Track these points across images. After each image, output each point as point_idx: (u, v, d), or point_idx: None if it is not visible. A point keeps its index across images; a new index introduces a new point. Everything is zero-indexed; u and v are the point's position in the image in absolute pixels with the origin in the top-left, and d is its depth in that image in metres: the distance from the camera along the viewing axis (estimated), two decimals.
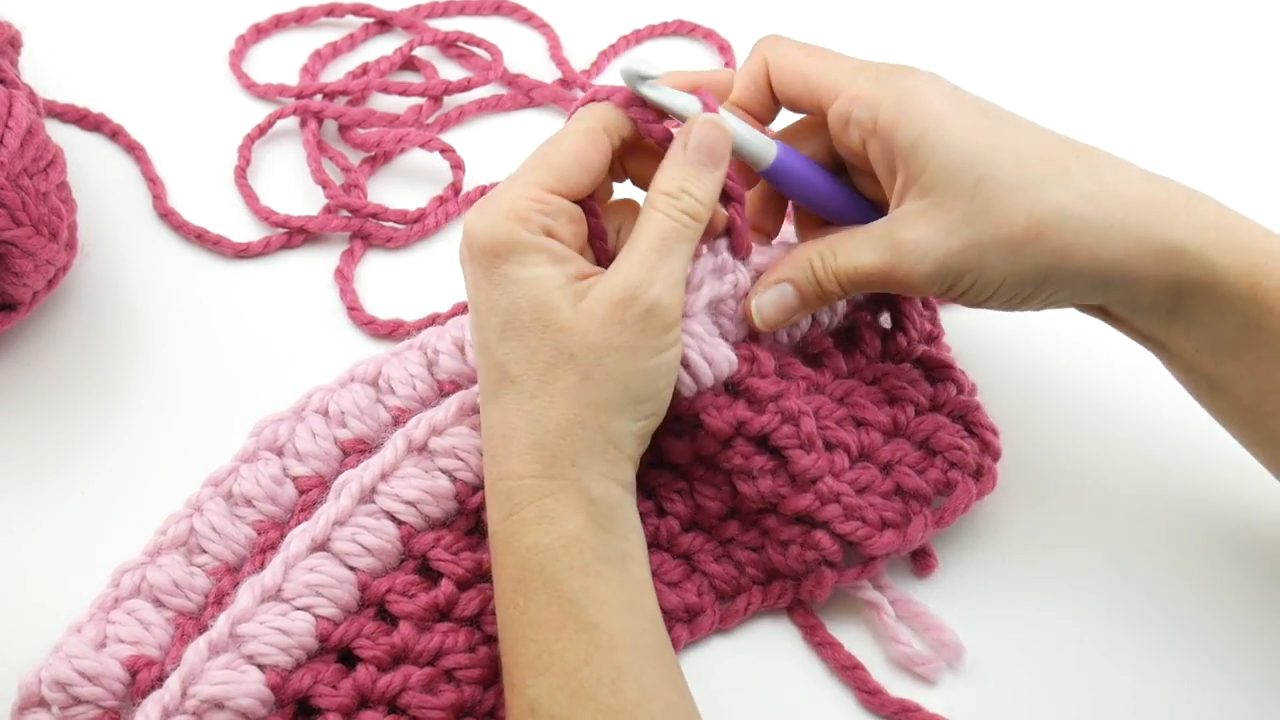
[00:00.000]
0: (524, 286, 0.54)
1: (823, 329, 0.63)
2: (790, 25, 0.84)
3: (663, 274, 0.54)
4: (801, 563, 0.60)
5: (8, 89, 0.65)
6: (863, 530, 0.60)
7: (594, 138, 0.56)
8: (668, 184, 0.55)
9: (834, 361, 0.63)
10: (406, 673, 0.56)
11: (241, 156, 0.77)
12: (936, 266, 0.55)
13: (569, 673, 0.51)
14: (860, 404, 0.62)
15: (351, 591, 0.58)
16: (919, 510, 0.61)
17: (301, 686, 0.56)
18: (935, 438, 0.62)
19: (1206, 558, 0.63)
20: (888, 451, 0.61)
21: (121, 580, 0.59)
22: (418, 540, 0.59)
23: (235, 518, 0.61)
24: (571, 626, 0.51)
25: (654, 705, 0.51)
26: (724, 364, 0.58)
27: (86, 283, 0.71)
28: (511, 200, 0.54)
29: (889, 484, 0.61)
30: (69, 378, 0.68)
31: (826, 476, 0.59)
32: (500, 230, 0.54)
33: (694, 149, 0.55)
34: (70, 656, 0.56)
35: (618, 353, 0.53)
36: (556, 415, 0.53)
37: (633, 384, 0.54)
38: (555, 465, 0.53)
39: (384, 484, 0.59)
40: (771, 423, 0.59)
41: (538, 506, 0.53)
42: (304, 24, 0.84)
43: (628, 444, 0.55)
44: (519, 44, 0.84)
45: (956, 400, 0.63)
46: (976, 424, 0.63)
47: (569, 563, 0.52)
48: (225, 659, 0.55)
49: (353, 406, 0.63)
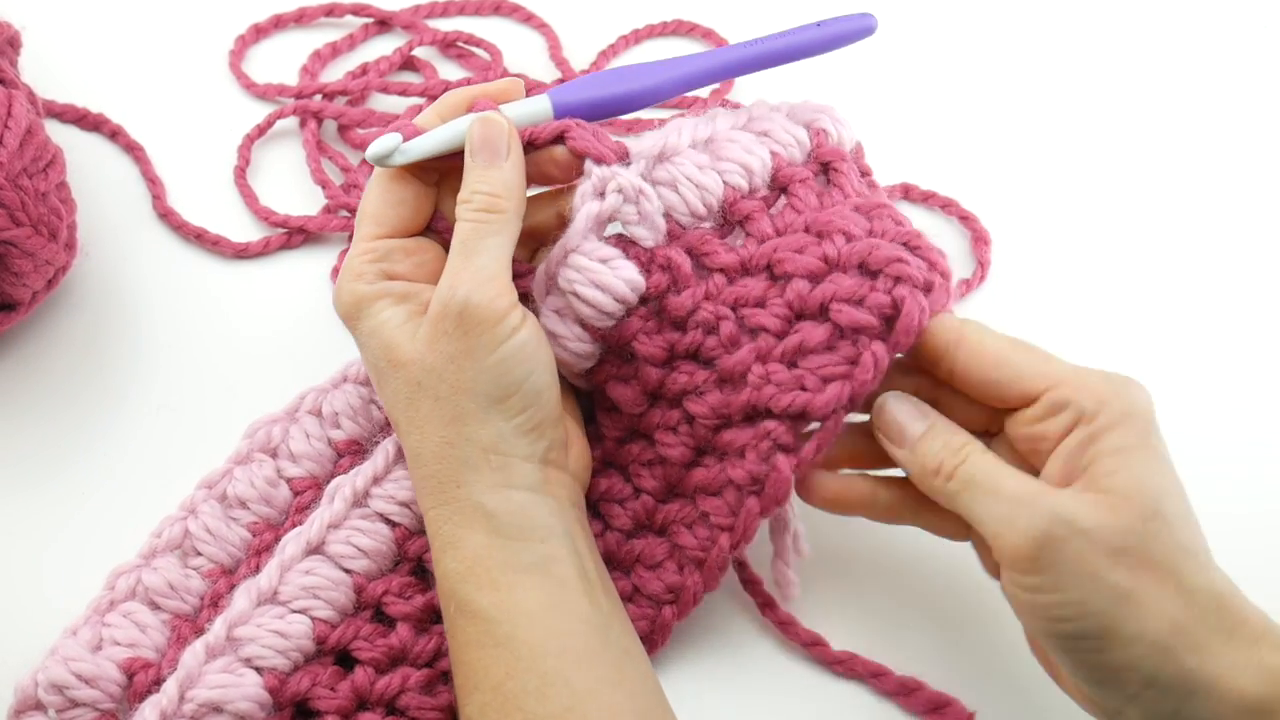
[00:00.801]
0: (375, 335, 0.56)
1: (740, 194, 0.59)
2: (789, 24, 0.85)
3: (467, 275, 0.54)
4: (759, 460, 0.56)
5: (7, 89, 0.65)
6: (801, 397, 0.55)
7: (392, 177, 0.58)
8: (461, 193, 0.56)
9: (759, 226, 0.58)
10: (404, 674, 0.57)
11: (241, 156, 0.77)
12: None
13: (494, 688, 0.51)
14: (783, 259, 0.56)
15: (348, 594, 0.58)
16: (867, 345, 0.54)
17: (300, 689, 0.56)
18: (871, 257, 0.55)
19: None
20: (819, 294, 0.55)
21: (117, 583, 0.59)
22: (412, 542, 0.59)
23: (230, 520, 0.61)
24: (488, 642, 0.52)
25: (588, 706, 0.51)
26: (623, 286, 0.57)
27: (86, 283, 0.71)
28: (349, 262, 0.57)
29: (824, 333, 0.55)
30: (69, 378, 0.68)
31: (754, 364, 0.56)
32: (345, 292, 0.57)
33: (473, 152, 0.57)
34: (66, 659, 0.56)
35: (452, 363, 0.54)
36: (428, 444, 0.55)
37: (481, 387, 0.54)
38: (443, 491, 0.55)
39: (377, 488, 0.59)
40: (696, 339, 0.57)
41: (441, 535, 0.54)
42: (304, 24, 0.84)
43: (511, 445, 0.55)
44: (519, 44, 0.83)
45: (896, 231, 0.56)
46: (919, 248, 0.56)
47: (476, 582, 0.53)
48: (223, 662, 0.55)
49: (346, 407, 0.63)
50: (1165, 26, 0.84)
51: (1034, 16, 0.86)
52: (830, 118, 0.62)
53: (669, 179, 0.58)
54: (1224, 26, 0.83)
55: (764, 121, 0.61)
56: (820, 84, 0.76)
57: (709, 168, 0.59)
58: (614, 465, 0.60)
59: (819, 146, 0.61)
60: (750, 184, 0.59)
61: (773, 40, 0.62)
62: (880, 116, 0.79)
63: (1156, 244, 0.75)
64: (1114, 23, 0.85)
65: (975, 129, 0.80)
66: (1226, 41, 0.83)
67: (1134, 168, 0.78)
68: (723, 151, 0.59)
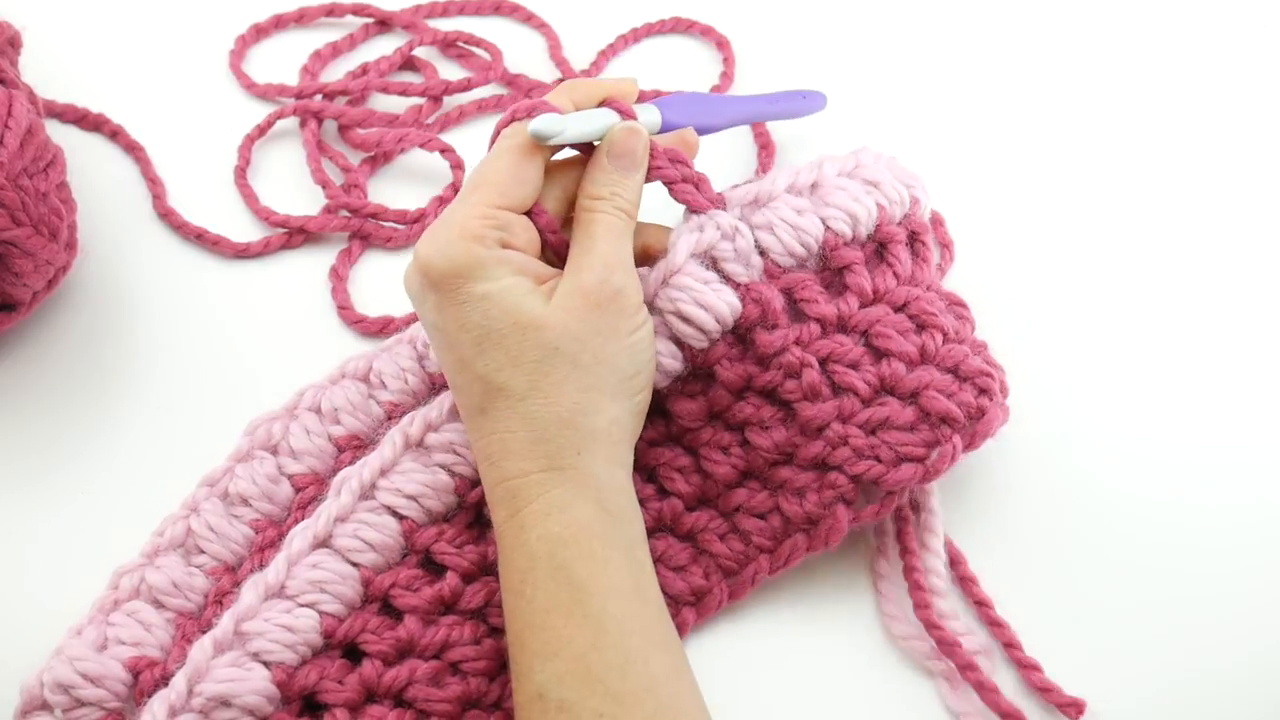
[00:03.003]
0: (494, 299, 0.55)
1: (843, 241, 0.62)
2: (788, 21, 0.85)
3: (619, 261, 0.57)
4: (819, 505, 0.60)
5: (8, 89, 0.65)
6: (876, 469, 0.59)
7: (527, 152, 0.58)
8: (599, 189, 0.58)
9: (858, 280, 0.62)
10: (412, 666, 0.56)
11: (241, 156, 0.77)
12: None
13: (577, 657, 0.51)
14: (885, 334, 0.61)
15: (355, 587, 0.58)
16: (948, 436, 0.60)
17: (307, 683, 0.56)
18: (963, 365, 0.61)
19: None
20: (913, 380, 0.60)
21: (120, 582, 0.60)
22: (420, 535, 0.59)
23: (232, 517, 0.61)
24: (579, 612, 0.52)
25: (661, 691, 0.52)
26: (724, 308, 0.59)
27: (86, 283, 0.71)
28: (462, 222, 0.57)
29: (911, 414, 0.60)
30: (69, 378, 0.68)
31: (834, 423, 0.59)
32: (458, 252, 0.56)
33: (614, 157, 0.59)
34: (72, 659, 0.56)
35: (599, 335, 0.56)
36: (555, 409, 0.55)
37: (619, 361, 0.56)
38: (560, 457, 0.55)
39: (384, 480, 0.59)
40: (775, 379, 0.60)
41: (545, 499, 0.54)
42: (304, 24, 0.84)
43: (627, 423, 0.57)
44: (519, 44, 0.84)
45: (973, 340, 0.63)
46: (990, 361, 0.62)
47: (577, 550, 0.53)
48: (231, 657, 0.55)
49: (345, 403, 0.64)
50: (1165, 26, 0.84)
51: (1034, 15, 0.86)
52: (921, 188, 0.65)
53: (765, 223, 0.61)
54: (1224, 26, 0.83)
55: (874, 172, 0.64)
56: (820, 80, 0.76)
57: (810, 211, 0.62)
58: (638, 465, 0.60)
59: (912, 213, 0.64)
60: (854, 232, 0.62)
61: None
62: (872, 113, 0.80)
63: (1156, 244, 0.75)
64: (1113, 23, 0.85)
65: (975, 128, 0.80)
66: (1226, 41, 0.83)
67: (1132, 169, 0.78)
68: (829, 197, 0.62)
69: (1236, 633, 0.61)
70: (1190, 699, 0.59)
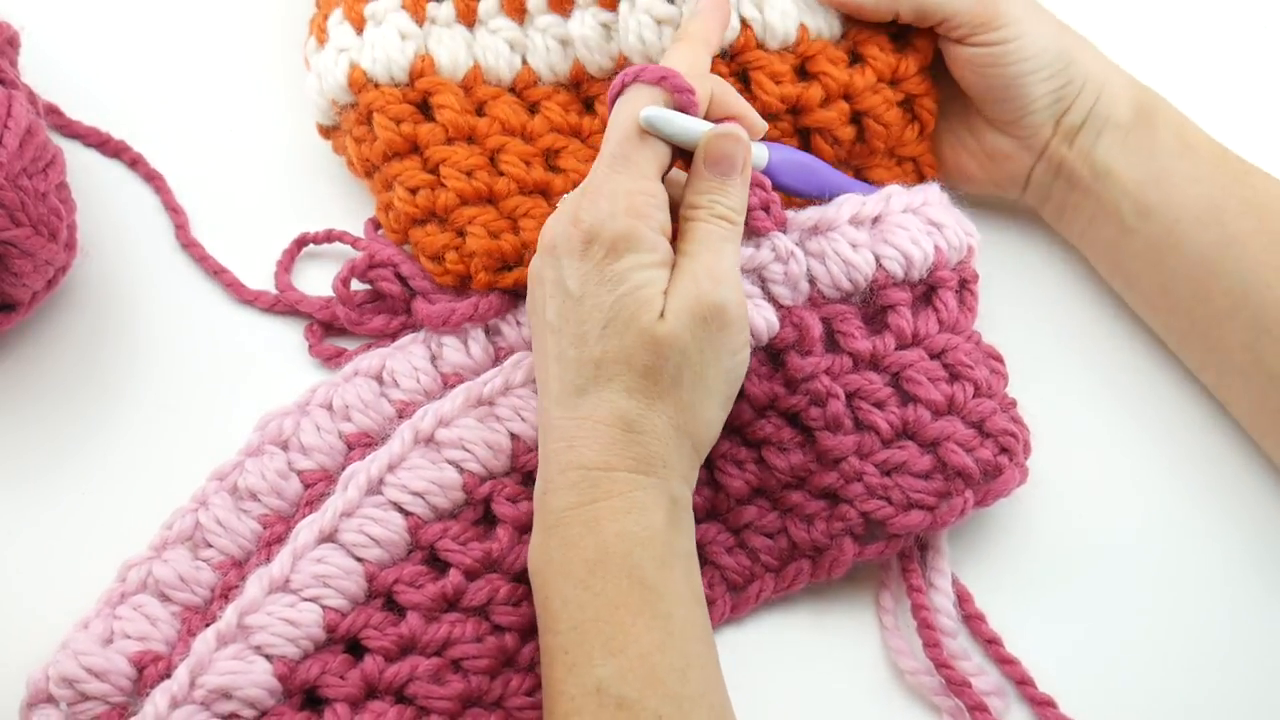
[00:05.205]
0: (633, 286, 0.54)
1: (892, 280, 0.62)
2: None
3: (723, 273, 0.56)
4: (826, 535, 0.60)
5: (7, 89, 0.65)
6: (886, 510, 0.60)
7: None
8: (698, 197, 0.57)
9: (899, 321, 0.62)
10: (414, 663, 0.57)
11: None
12: None
13: (641, 656, 0.52)
14: (916, 380, 0.61)
15: (359, 582, 0.58)
16: (961, 490, 0.60)
17: (309, 677, 0.56)
18: (989, 422, 0.61)
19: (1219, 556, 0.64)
20: (936, 429, 0.60)
21: (128, 575, 0.60)
22: (425, 531, 0.59)
23: (241, 512, 0.61)
24: (649, 612, 0.52)
25: (713, 698, 0.53)
26: (761, 325, 0.59)
27: (86, 283, 0.71)
28: (628, 196, 0.55)
29: (927, 462, 0.60)
30: (69, 378, 0.68)
31: (851, 456, 0.60)
32: (622, 226, 0.55)
33: (710, 164, 0.57)
34: (77, 653, 0.57)
35: (701, 354, 0.55)
36: (656, 418, 0.55)
37: (717, 385, 0.56)
38: (650, 463, 0.55)
39: (391, 475, 0.60)
40: (800, 403, 0.60)
41: (628, 498, 0.54)
42: None
43: (704, 447, 0.57)
44: None
45: (1003, 397, 0.63)
46: (1016, 419, 0.63)
47: (652, 554, 0.53)
48: (233, 649, 0.55)
49: (357, 400, 0.64)
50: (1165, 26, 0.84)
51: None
52: (976, 240, 0.65)
53: (819, 251, 0.61)
54: (1224, 27, 0.84)
55: (939, 212, 0.64)
56: None
57: (866, 247, 0.62)
58: None
59: (966, 260, 0.64)
60: (906, 274, 0.62)
61: None
62: None
63: None
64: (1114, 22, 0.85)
65: None
66: (1226, 41, 0.83)
67: None
68: (889, 235, 0.62)
69: (1251, 666, 0.61)
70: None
